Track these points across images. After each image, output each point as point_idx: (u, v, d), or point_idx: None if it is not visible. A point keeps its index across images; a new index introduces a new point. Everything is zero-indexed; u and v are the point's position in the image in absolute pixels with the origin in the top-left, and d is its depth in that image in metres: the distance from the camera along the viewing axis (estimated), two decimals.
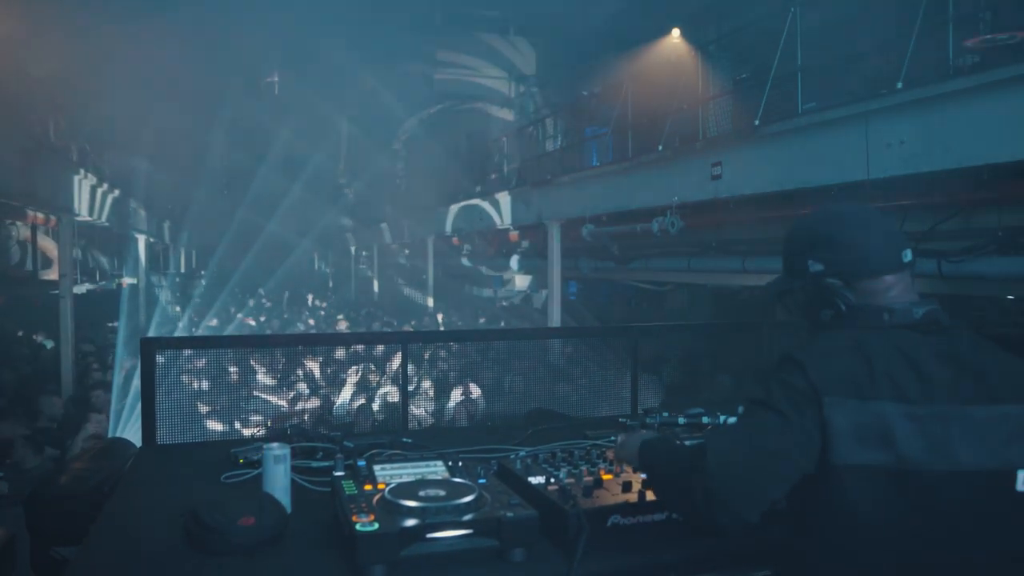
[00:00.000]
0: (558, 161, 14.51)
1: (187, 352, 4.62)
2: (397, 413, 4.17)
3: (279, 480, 2.12)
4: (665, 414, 2.98)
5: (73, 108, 13.13)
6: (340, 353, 9.87)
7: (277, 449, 2.13)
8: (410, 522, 1.76)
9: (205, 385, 6.18)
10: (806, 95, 7.70)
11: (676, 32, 11.53)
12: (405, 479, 2.06)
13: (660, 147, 9.93)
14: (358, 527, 1.71)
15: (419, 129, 21.44)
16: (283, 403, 8.08)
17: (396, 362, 10.44)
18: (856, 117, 6.60)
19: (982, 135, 5.52)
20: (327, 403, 8.62)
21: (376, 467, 2.17)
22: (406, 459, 2.27)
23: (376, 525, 1.73)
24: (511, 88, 20.77)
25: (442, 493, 1.89)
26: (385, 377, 9.43)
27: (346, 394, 8.70)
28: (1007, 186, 5.91)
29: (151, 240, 23.25)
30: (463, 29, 19.28)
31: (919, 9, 6.22)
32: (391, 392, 8.54)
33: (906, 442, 1.49)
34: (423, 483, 1.98)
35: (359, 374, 9.40)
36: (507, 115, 20.70)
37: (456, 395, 8.37)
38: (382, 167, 22.28)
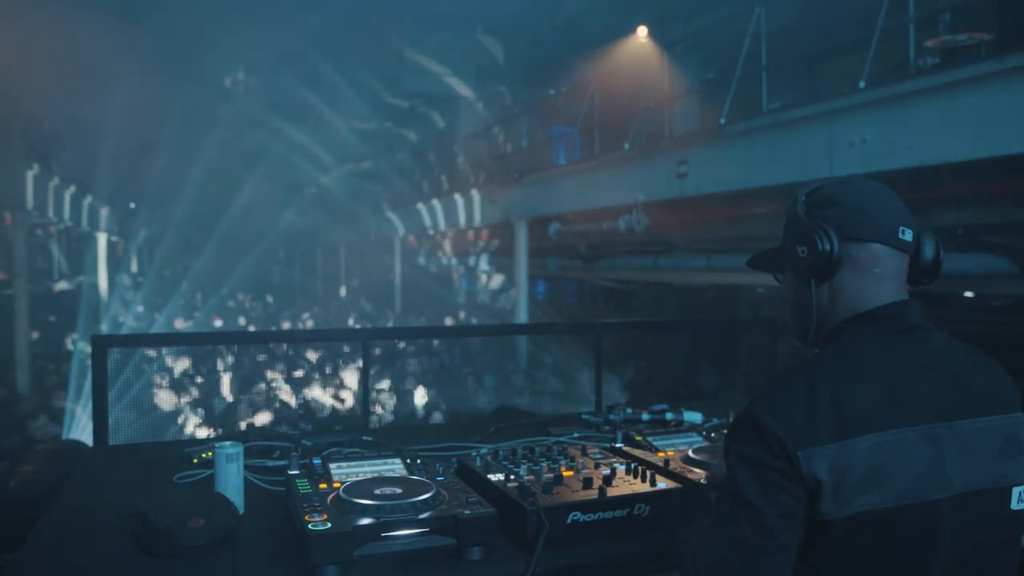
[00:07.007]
0: (526, 160, 14.49)
1: (142, 353, 4.51)
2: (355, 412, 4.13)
3: (231, 479, 2.06)
4: (628, 411, 2.96)
5: (26, 102, 12.80)
6: (311, 356, 9.83)
7: (229, 448, 2.07)
8: (364, 521, 1.71)
9: (161, 384, 6.08)
10: (772, 95, 7.75)
11: (643, 31, 11.55)
12: (361, 477, 2.01)
13: (626, 145, 9.95)
14: (310, 527, 1.66)
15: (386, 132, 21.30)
16: (244, 400, 7.96)
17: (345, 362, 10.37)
18: (820, 116, 6.66)
19: (942, 134, 5.59)
20: (288, 401, 8.51)
21: (332, 465, 2.12)
22: (363, 457, 2.21)
23: (329, 524, 1.67)
24: (479, 87, 20.66)
25: (398, 491, 1.85)
26: (340, 374, 9.34)
27: (308, 393, 8.60)
28: (966, 184, 6.00)
29: (112, 239, 22.80)
30: (430, 28, 19.12)
31: (880, 10, 6.30)
32: (352, 390, 8.46)
33: (899, 475, 1.27)
34: (379, 481, 1.93)
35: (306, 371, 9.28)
36: (475, 114, 20.60)
37: (420, 393, 8.31)
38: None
